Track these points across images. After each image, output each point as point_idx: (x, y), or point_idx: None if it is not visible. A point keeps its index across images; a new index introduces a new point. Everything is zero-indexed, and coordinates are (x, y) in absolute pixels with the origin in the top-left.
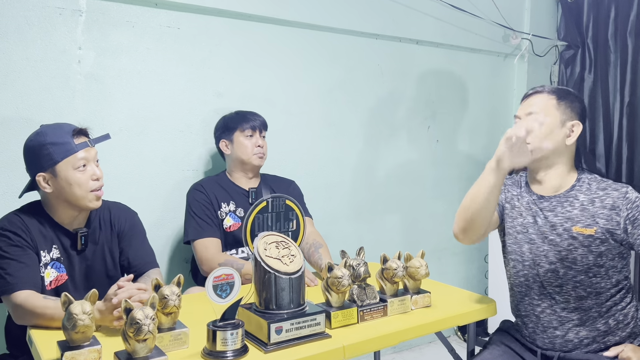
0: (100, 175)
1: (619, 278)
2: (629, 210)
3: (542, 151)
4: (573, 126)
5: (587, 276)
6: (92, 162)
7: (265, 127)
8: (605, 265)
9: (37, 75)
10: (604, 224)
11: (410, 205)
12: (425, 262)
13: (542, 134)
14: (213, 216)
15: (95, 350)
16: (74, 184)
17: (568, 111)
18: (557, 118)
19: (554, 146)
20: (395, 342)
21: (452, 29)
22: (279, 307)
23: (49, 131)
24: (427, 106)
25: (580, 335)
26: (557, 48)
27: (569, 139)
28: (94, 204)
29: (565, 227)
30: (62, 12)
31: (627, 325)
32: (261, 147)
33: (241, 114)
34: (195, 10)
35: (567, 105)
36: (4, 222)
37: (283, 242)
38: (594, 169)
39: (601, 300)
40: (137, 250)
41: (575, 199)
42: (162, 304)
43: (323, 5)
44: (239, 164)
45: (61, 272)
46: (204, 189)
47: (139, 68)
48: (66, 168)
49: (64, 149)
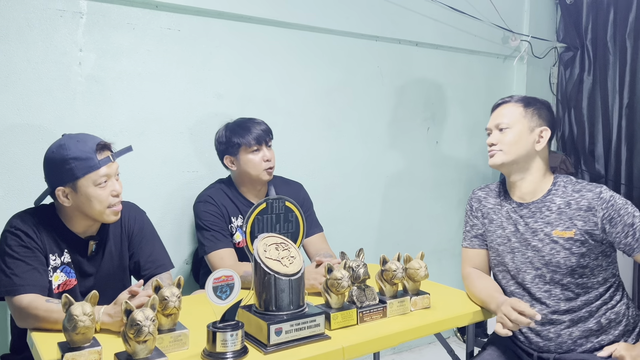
0: (119, 191)
1: (606, 276)
2: (605, 210)
3: (512, 156)
4: (542, 132)
5: (574, 277)
6: (113, 177)
7: (271, 135)
8: (589, 265)
9: (38, 77)
10: (581, 226)
11: (410, 207)
12: (424, 263)
13: (511, 140)
14: (225, 228)
15: (95, 351)
16: (94, 200)
17: (535, 118)
18: (525, 125)
19: (525, 151)
20: (395, 343)
21: (452, 31)
22: (279, 309)
23: (72, 145)
24: (426, 108)
25: (574, 336)
26: (556, 50)
27: (538, 145)
28: (112, 218)
29: (546, 232)
30: (63, 14)
31: (619, 323)
32: (269, 160)
33: (243, 125)
34: (195, 13)
35: (534, 112)
36: (17, 221)
37: (283, 244)
38: (593, 170)
39: (590, 299)
40: (148, 253)
41: (552, 202)
42: (162, 305)
43: (323, 7)
44: (247, 179)
45: (70, 277)
46: (215, 201)
47: (139, 70)
48: (87, 184)
49: (86, 165)
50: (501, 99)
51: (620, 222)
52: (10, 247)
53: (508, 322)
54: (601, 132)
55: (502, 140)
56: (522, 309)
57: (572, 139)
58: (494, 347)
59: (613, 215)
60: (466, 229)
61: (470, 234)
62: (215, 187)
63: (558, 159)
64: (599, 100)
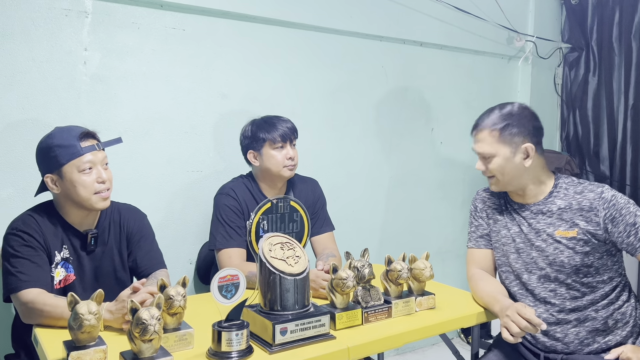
0: (106, 178)
1: (612, 275)
2: (607, 210)
3: (506, 181)
4: (526, 149)
5: (578, 277)
6: (99, 165)
7: (296, 134)
8: (594, 265)
9: (43, 76)
10: (584, 226)
11: (415, 207)
12: (429, 263)
13: (498, 170)
14: (242, 225)
15: (101, 350)
16: (79, 186)
17: (515, 138)
18: (507, 151)
19: (516, 172)
20: (400, 343)
21: (456, 31)
22: (284, 308)
23: (57, 133)
24: (431, 108)
25: (580, 336)
26: (561, 50)
27: (526, 161)
28: (100, 204)
29: (548, 232)
30: (68, 14)
31: (626, 324)
32: (292, 158)
33: (270, 122)
34: (200, 12)
35: (512, 132)
36: (18, 223)
37: (288, 243)
38: (598, 171)
39: (596, 298)
40: (145, 252)
41: (553, 204)
42: (168, 304)
43: (327, 7)
44: (268, 175)
45: (69, 272)
46: (237, 195)
47: (144, 69)
48: (71, 170)
49: (69, 151)
50: (480, 117)
51: (622, 222)
52: (13, 248)
53: (514, 328)
54: (606, 133)
55: (490, 167)
56: (529, 317)
57: (577, 140)
58: (500, 348)
59: (615, 215)
60: (471, 230)
61: (475, 234)
62: (238, 181)
63: (563, 160)
64: (604, 101)
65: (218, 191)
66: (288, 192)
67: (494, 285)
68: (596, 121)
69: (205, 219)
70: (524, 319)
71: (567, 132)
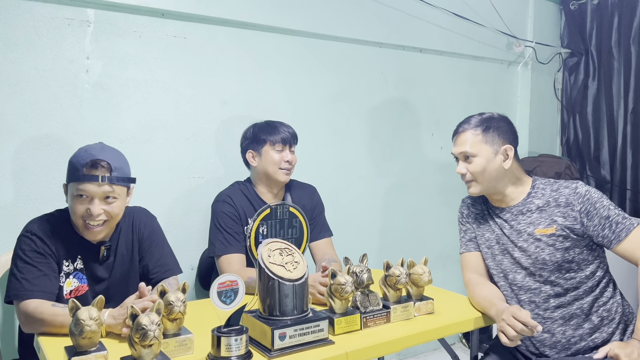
0: (96, 213)
1: (593, 269)
2: (581, 204)
3: (486, 183)
4: (505, 150)
5: (561, 273)
6: (98, 198)
7: (296, 140)
8: (575, 260)
9: (46, 85)
10: (562, 222)
11: (415, 212)
12: (428, 268)
13: (479, 170)
14: (240, 231)
15: (101, 355)
16: (71, 209)
17: (496, 139)
18: (489, 150)
19: (495, 174)
20: (399, 348)
21: (456, 37)
22: (283, 314)
23: (80, 151)
24: (430, 113)
25: (567, 335)
26: (560, 55)
27: (505, 163)
28: (86, 234)
29: (529, 231)
30: (70, 23)
31: (612, 320)
32: (289, 162)
33: (272, 125)
34: (201, 20)
35: (494, 133)
36: (33, 226)
37: (287, 249)
38: (599, 175)
39: (580, 294)
40: (157, 257)
41: (532, 204)
42: (168, 310)
43: (327, 14)
44: (264, 178)
45: (82, 283)
46: (233, 202)
47: (145, 77)
48: (70, 192)
49: (72, 174)
50: (460, 123)
51: (597, 215)
52: (24, 252)
53: (510, 332)
54: (606, 137)
55: (471, 169)
56: (524, 320)
57: (577, 145)
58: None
59: (589, 209)
60: (461, 236)
61: (465, 238)
62: (234, 187)
63: (563, 165)
64: (603, 105)
65: (215, 199)
66: (286, 197)
67: (490, 289)
68: (596, 126)
69: (207, 224)
70: (519, 322)
71: (567, 137)
